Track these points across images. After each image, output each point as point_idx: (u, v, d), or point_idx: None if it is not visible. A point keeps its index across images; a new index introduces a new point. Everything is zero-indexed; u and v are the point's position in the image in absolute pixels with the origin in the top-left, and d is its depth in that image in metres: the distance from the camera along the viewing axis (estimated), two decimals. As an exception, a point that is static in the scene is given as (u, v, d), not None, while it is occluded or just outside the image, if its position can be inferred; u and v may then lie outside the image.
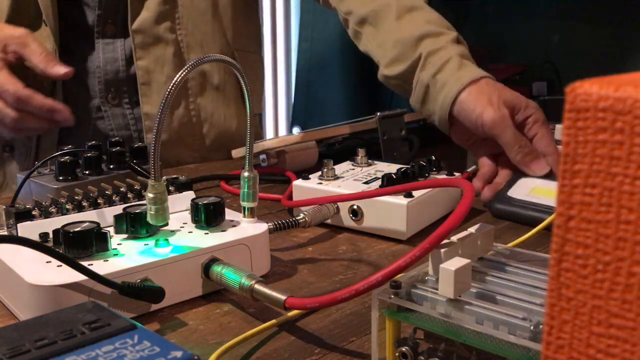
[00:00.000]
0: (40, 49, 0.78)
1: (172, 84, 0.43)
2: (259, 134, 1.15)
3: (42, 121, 0.78)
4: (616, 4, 1.23)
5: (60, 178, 0.62)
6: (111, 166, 0.66)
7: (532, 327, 0.29)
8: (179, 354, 0.27)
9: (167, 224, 0.47)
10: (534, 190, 0.63)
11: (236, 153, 0.82)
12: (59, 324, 0.29)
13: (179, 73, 0.43)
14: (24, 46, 0.78)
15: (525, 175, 0.64)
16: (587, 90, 0.18)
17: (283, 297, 0.40)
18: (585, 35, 1.28)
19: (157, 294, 0.43)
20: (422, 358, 0.33)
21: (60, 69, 0.78)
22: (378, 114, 0.81)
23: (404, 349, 0.33)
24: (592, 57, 1.26)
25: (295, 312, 0.43)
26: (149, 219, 0.46)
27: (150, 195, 0.45)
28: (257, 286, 0.42)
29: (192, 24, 0.90)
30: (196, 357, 0.27)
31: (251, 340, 0.40)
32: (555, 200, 0.20)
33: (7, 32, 0.79)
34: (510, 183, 0.65)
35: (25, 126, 0.78)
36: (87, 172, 0.64)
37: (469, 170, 0.75)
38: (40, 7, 0.84)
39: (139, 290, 0.42)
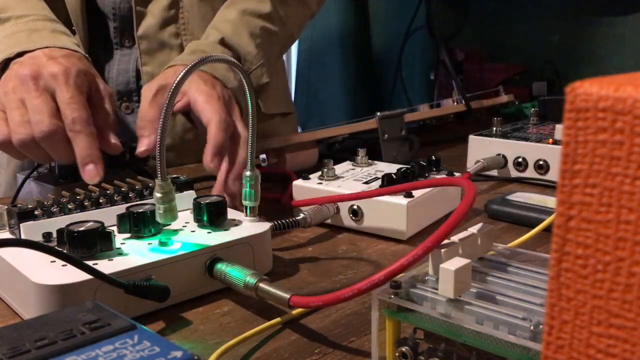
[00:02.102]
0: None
1: (174, 84, 0.43)
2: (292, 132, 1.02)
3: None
4: (616, 4, 1.23)
5: (61, 178, 0.62)
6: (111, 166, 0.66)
7: (532, 327, 0.29)
8: (179, 354, 0.27)
9: (175, 220, 0.47)
10: (531, 198, 0.63)
11: (236, 153, 0.82)
12: (59, 324, 0.29)
13: (180, 73, 0.43)
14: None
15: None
16: (587, 90, 0.19)
17: (287, 295, 0.40)
18: (585, 35, 1.28)
19: (162, 292, 0.43)
20: (422, 358, 0.33)
21: None
22: (378, 114, 0.81)
23: (404, 349, 0.33)
24: (592, 57, 1.26)
25: (295, 312, 0.43)
26: (157, 218, 0.46)
27: (158, 194, 0.45)
28: (261, 284, 0.42)
29: (196, 28, 0.89)
30: (196, 357, 0.27)
31: (251, 340, 0.40)
32: (555, 201, 0.20)
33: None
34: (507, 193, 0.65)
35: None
36: None
37: (469, 170, 0.75)
38: (71, 17, 0.83)
39: (145, 289, 0.42)
